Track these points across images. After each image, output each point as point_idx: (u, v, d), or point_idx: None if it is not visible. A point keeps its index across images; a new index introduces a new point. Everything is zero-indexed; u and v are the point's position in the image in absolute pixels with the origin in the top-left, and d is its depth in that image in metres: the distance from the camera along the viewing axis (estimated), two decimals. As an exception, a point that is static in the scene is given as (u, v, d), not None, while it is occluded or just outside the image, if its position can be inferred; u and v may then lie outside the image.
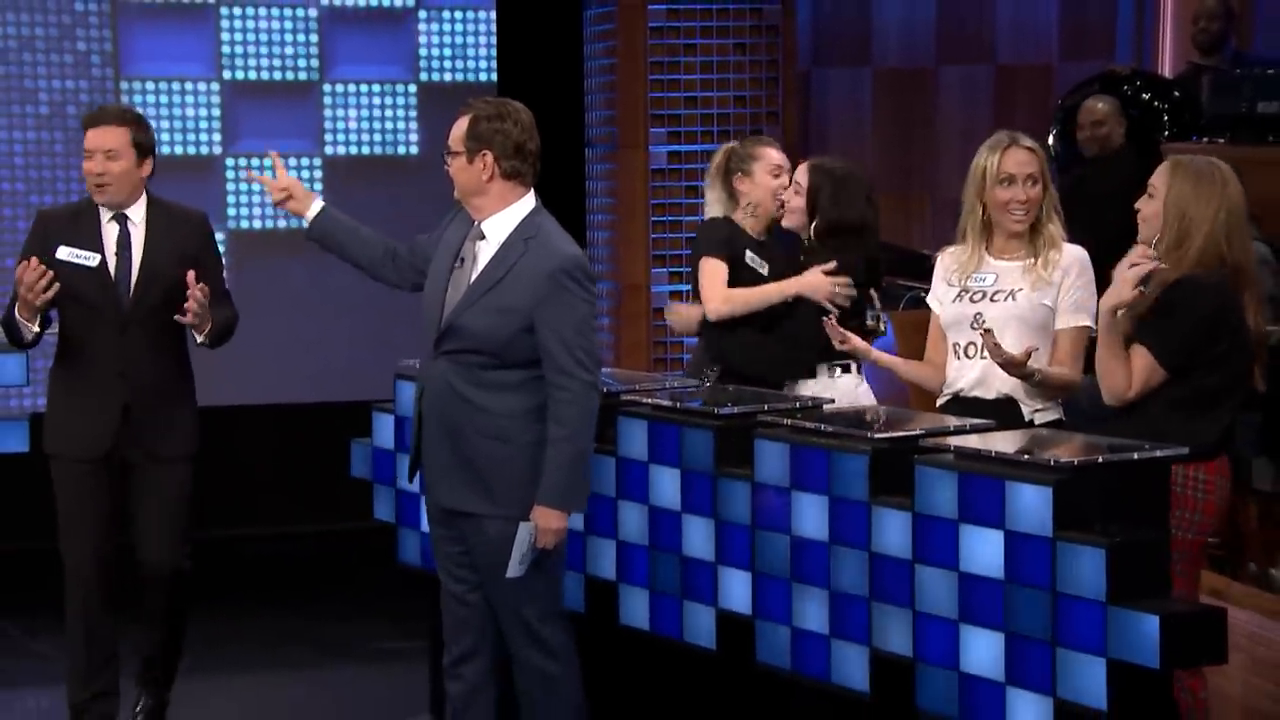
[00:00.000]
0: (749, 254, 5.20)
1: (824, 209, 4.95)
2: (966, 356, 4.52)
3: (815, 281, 4.94)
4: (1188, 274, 4.08)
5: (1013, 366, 4.35)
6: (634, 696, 4.70)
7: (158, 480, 4.97)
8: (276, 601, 6.76)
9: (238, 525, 7.76)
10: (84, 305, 4.95)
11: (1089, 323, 4.43)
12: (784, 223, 5.12)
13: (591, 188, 8.35)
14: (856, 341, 4.73)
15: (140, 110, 7.83)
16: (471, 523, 4.22)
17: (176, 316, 4.88)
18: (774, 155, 5.23)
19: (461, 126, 4.25)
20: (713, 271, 5.09)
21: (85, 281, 4.93)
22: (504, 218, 4.20)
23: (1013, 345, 4.40)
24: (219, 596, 5.97)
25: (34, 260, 4.80)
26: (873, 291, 5.08)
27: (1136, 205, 4.22)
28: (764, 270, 5.18)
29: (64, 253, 4.94)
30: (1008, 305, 4.46)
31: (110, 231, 5.01)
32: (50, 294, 4.79)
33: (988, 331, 4.38)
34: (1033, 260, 4.47)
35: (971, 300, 4.49)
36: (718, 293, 5.06)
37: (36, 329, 4.88)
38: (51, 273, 4.80)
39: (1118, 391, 4.12)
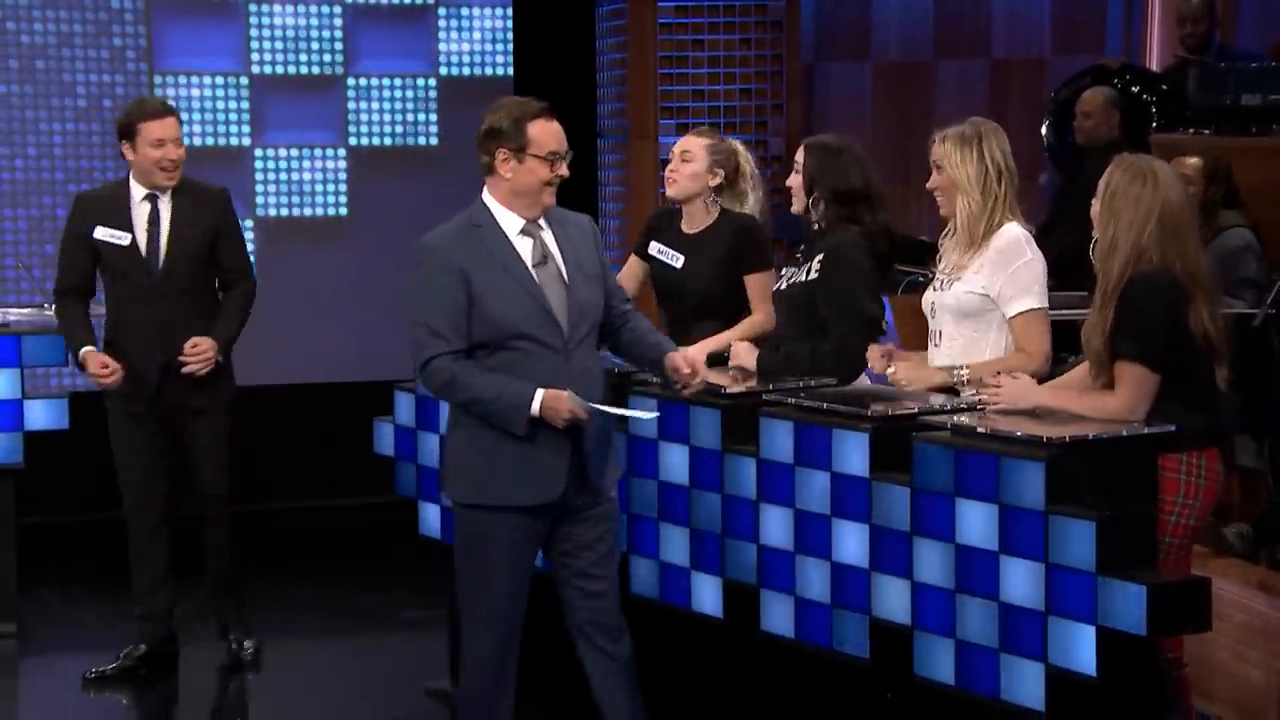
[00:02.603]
0: (654, 245, 5.15)
1: (820, 180, 4.66)
2: (933, 345, 4.44)
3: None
4: (1135, 273, 3.90)
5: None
6: (644, 663, 4.71)
7: (198, 429, 5.46)
8: (304, 573, 6.78)
9: (266, 500, 7.78)
10: (120, 278, 5.37)
11: (1033, 304, 4.27)
12: (794, 208, 4.81)
13: (603, 177, 8.36)
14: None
15: (173, 102, 7.90)
16: (603, 499, 4.18)
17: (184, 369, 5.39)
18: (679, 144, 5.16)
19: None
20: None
21: (120, 257, 5.36)
22: None
23: (949, 333, 4.35)
24: (249, 567, 6.00)
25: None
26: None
27: (1091, 210, 4.03)
28: (676, 263, 5.08)
29: (100, 233, 5.34)
30: (943, 294, 4.39)
31: (141, 211, 5.35)
32: (112, 381, 5.32)
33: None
34: (969, 247, 4.32)
35: (934, 288, 4.45)
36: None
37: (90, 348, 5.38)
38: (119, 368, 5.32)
39: (1120, 416, 3.88)
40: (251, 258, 7.81)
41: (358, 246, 7.99)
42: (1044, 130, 7.62)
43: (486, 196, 4.15)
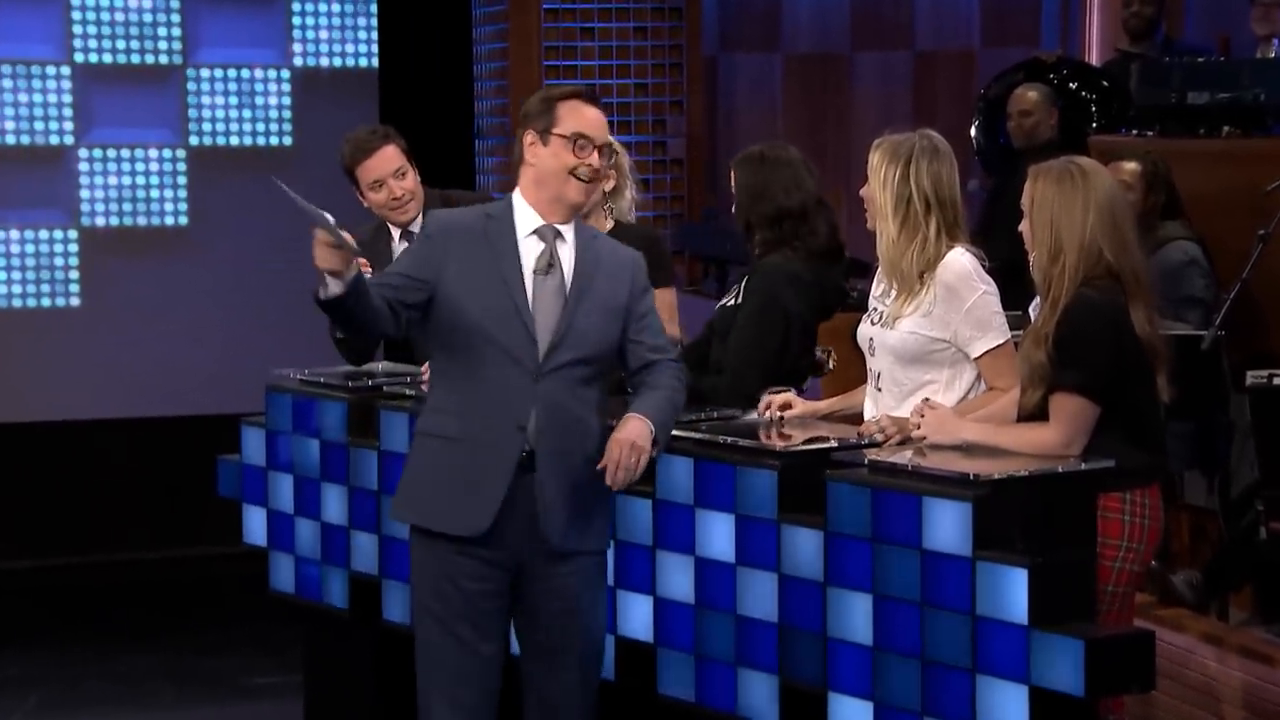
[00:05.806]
0: None
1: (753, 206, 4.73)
2: (873, 386, 4.38)
3: None
4: (1078, 294, 3.97)
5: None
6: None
7: None
8: (136, 634, 6.71)
9: (93, 550, 7.70)
10: None
11: (998, 339, 4.24)
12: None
13: (482, 181, 8.36)
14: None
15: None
16: (570, 563, 4.08)
17: None
18: None
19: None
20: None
21: None
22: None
23: (894, 377, 4.29)
24: (73, 628, 5.93)
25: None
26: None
27: (1020, 229, 4.10)
28: None
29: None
30: (884, 331, 4.31)
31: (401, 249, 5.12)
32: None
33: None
34: (891, 280, 4.27)
35: (869, 320, 4.39)
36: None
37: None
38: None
39: (1054, 451, 3.95)
40: (76, 273, 7.79)
41: (200, 260, 7.94)
42: (973, 131, 7.73)
43: (515, 193, 4.14)
